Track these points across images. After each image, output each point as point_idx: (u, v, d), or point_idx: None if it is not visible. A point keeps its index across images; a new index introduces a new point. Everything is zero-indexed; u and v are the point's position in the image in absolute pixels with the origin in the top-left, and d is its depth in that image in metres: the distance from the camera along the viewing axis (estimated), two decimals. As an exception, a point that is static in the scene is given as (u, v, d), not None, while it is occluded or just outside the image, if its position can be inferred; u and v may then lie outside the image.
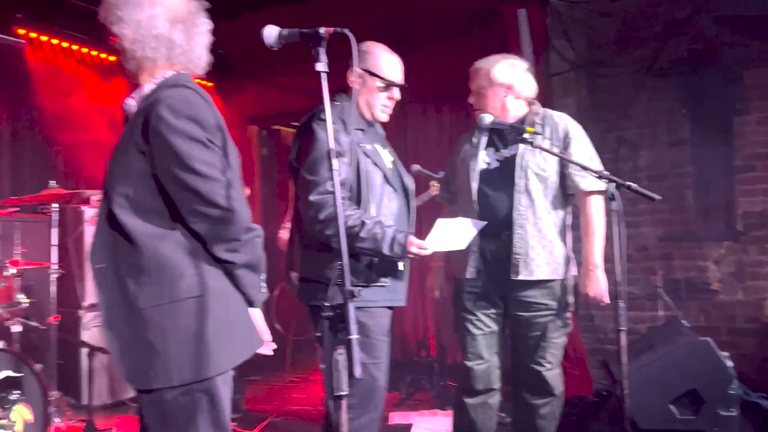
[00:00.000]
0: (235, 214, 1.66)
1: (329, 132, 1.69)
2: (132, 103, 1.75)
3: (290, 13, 5.01)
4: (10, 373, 2.85)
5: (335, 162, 1.69)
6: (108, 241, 1.67)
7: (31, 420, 2.91)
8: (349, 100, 2.42)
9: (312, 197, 2.23)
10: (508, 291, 2.70)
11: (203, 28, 1.80)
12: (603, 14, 4.90)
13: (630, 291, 4.57)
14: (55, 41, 4.98)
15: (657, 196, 2.31)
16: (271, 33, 1.72)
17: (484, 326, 2.75)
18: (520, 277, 2.64)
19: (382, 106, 2.47)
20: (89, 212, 4.44)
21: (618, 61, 4.89)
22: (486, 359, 2.75)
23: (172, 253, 1.65)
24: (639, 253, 4.82)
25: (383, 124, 2.56)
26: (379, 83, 2.43)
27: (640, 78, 4.82)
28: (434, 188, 3.83)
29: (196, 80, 1.82)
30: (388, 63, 2.46)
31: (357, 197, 2.32)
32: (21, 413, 2.87)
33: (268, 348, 1.85)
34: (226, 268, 1.71)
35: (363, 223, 2.24)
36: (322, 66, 1.65)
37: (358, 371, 1.60)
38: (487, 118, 2.66)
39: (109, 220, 1.67)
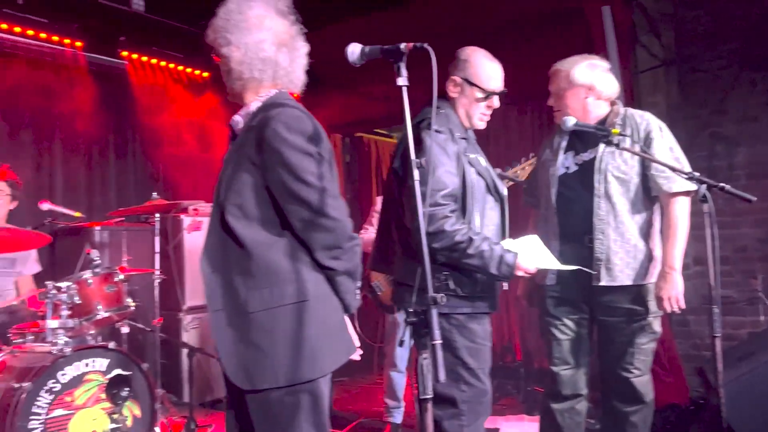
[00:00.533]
0: (339, 223, 1.77)
1: (410, 143, 1.70)
2: (239, 120, 1.88)
3: (371, 23, 5.13)
4: (120, 371, 3.07)
5: (416, 172, 1.72)
6: (219, 247, 1.79)
7: (139, 416, 3.13)
8: (450, 107, 2.42)
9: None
10: (593, 296, 2.66)
11: (303, 50, 1.94)
12: (691, 6, 4.69)
13: (728, 295, 4.35)
14: (153, 61, 5.33)
15: (752, 197, 2.21)
16: (354, 50, 1.78)
17: (569, 331, 2.71)
18: (602, 283, 2.59)
19: (481, 114, 2.45)
20: (187, 221, 4.72)
21: (709, 55, 4.66)
22: (572, 364, 2.71)
23: (280, 260, 1.75)
24: (738, 255, 4.56)
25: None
26: (479, 93, 2.41)
27: (735, 71, 4.57)
28: None
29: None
30: (489, 71, 2.42)
31: (462, 208, 2.31)
32: (131, 409, 3.09)
33: (356, 353, 1.93)
34: (328, 274, 1.80)
35: (471, 240, 2.22)
36: (403, 80, 1.68)
37: (442, 375, 1.64)
38: (570, 121, 2.62)
39: (221, 228, 1.79)
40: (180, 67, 5.56)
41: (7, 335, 3.35)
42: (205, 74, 5.78)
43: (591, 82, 2.69)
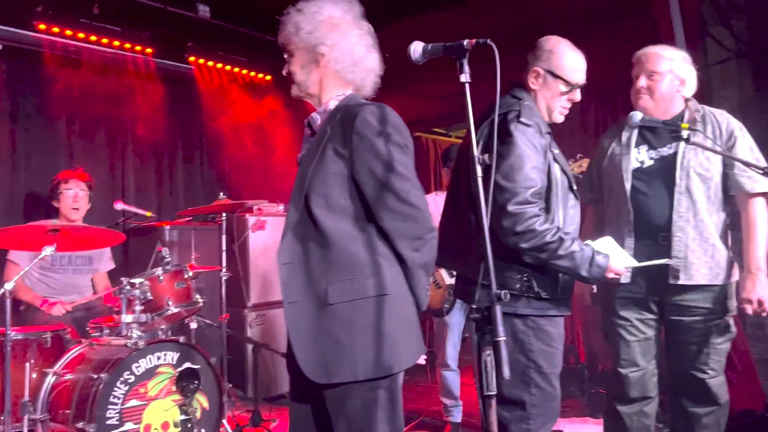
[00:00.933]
0: (423, 213, 1.80)
1: (472, 139, 1.68)
2: (317, 117, 1.92)
3: (429, 22, 5.14)
4: (190, 364, 3.18)
5: (478, 169, 1.71)
6: (298, 239, 1.80)
7: (208, 408, 3.24)
8: (532, 100, 2.33)
9: (510, 207, 2.11)
10: (665, 295, 2.58)
11: (377, 55, 1.99)
12: (766, -5, 4.48)
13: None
14: (219, 65, 5.51)
15: None
16: (416, 49, 1.79)
17: (639, 332, 2.64)
18: (680, 282, 2.51)
19: (561, 108, 2.37)
20: (251, 220, 4.85)
21: (787, 45, 4.45)
22: (641, 366, 2.64)
23: (362, 252, 1.77)
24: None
25: None
26: (563, 86, 2.33)
27: (815, 61, 4.35)
28: None
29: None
30: (574, 63, 2.33)
31: (546, 206, 2.23)
32: (200, 401, 3.21)
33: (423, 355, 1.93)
34: (405, 268, 1.82)
35: (562, 240, 2.13)
36: (465, 77, 1.68)
37: (506, 372, 1.63)
38: (637, 116, 2.56)
39: (302, 219, 1.81)
40: (244, 71, 5.72)
41: (85, 329, 3.54)
42: (268, 77, 5.93)
43: (685, 76, 2.62)
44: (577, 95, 2.37)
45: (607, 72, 4.15)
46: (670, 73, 2.60)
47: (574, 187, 2.36)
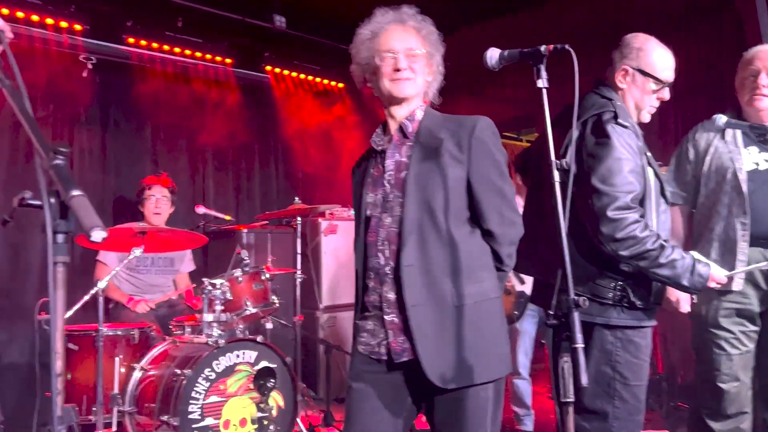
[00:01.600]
0: (521, 220, 1.90)
1: (549, 144, 1.67)
2: (408, 124, 1.92)
3: (503, 26, 5.12)
4: (267, 363, 3.29)
5: (557, 174, 1.70)
6: (418, 242, 1.80)
7: (283, 406, 3.34)
8: (620, 99, 2.25)
9: (610, 213, 2.03)
10: None
11: None
12: None
13: None
14: (294, 74, 5.67)
15: None
16: (492, 55, 1.78)
17: (741, 345, 2.52)
18: None
19: (650, 107, 2.30)
20: (324, 224, 4.96)
21: None
22: (741, 380, 2.52)
23: (480, 254, 1.84)
24: None
25: None
26: (653, 84, 2.26)
27: None
28: None
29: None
30: (663, 61, 2.27)
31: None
32: (276, 399, 3.31)
33: None
34: (500, 272, 1.90)
35: (663, 247, 2.05)
36: (542, 83, 1.67)
37: (584, 380, 1.62)
38: (721, 119, 2.47)
39: (420, 222, 1.81)
40: (317, 79, 5.86)
41: (168, 327, 3.72)
42: (340, 85, 6.05)
43: None
44: (666, 93, 2.29)
45: (689, 73, 4.02)
46: None
47: (665, 191, 2.28)
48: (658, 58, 2.25)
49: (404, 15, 1.92)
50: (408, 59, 1.87)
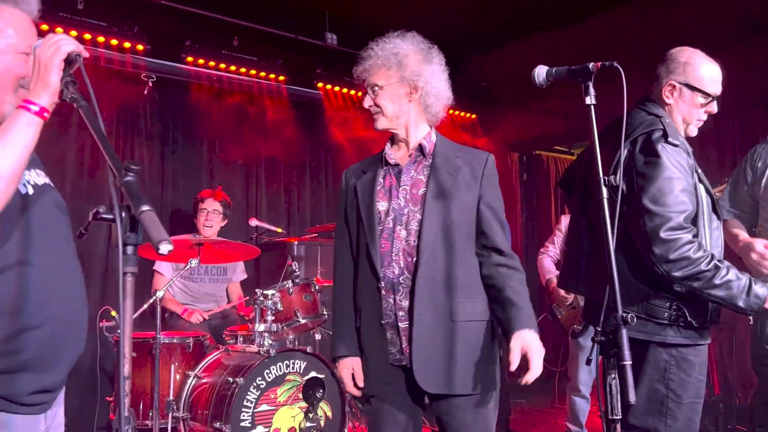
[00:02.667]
0: None
1: (597, 162, 1.68)
2: (426, 145, 2.06)
3: (547, 41, 5.11)
4: (315, 374, 3.36)
5: (605, 191, 1.70)
6: (432, 256, 1.94)
7: (331, 417, 3.39)
8: (667, 116, 2.23)
9: (663, 234, 1.99)
10: None
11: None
12: None
13: None
14: (344, 90, 5.78)
15: None
16: (540, 73, 1.81)
17: None
18: None
19: (698, 121, 2.28)
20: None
21: None
22: None
23: (477, 278, 2.00)
24: None
25: None
26: (701, 98, 2.23)
27: None
28: None
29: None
30: (710, 73, 2.24)
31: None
32: (324, 410, 3.36)
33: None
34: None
35: (717, 268, 2.01)
36: (590, 99, 1.69)
37: (632, 397, 1.61)
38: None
39: (435, 238, 1.95)
40: (360, 93, 5.94)
41: (221, 336, 3.83)
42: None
43: None
44: (714, 107, 2.26)
45: (741, 89, 3.92)
46: None
47: (717, 207, 2.23)
48: (705, 72, 2.22)
49: (370, 52, 2.08)
50: (371, 96, 2.05)
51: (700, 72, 2.22)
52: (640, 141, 2.12)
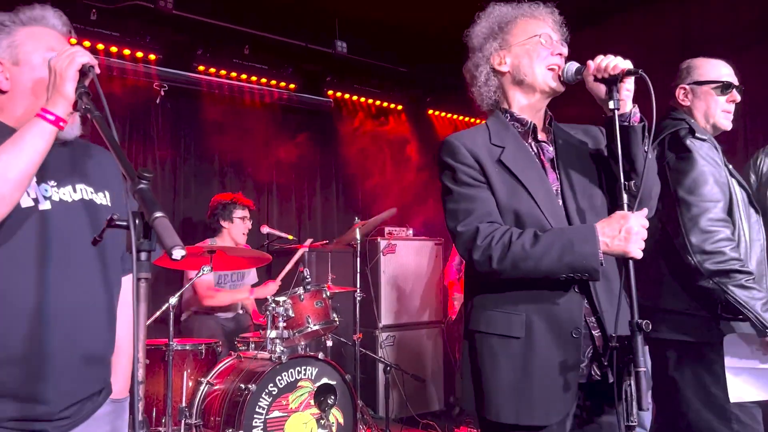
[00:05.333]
0: None
1: (620, 167, 1.62)
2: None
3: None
4: (327, 380, 3.36)
5: (625, 197, 1.66)
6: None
7: (343, 423, 3.39)
8: (691, 118, 2.27)
9: (704, 223, 2.02)
10: None
11: None
12: None
13: None
14: (354, 97, 5.81)
15: None
16: (570, 68, 1.76)
17: None
18: None
19: (723, 112, 2.29)
20: (383, 244, 5.02)
21: None
22: None
23: None
24: None
25: None
26: (715, 88, 2.27)
27: None
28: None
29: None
30: (714, 65, 2.31)
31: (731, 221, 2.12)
32: (335, 416, 3.36)
33: None
34: None
35: (748, 273, 2.00)
36: (614, 104, 1.65)
37: (645, 404, 1.60)
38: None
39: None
40: (377, 102, 5.98)
41: (234, 342, 3.84)
42: (399, 107, 6.15)
43: None
44: (737, 95, 2.29)
45: (760, 91, 3.90)
46: None
47: (753, 201, 2.24)
48: (708, 66, 2.30)
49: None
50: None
51: (705, 68, 2.30)
52: (667, 140, 2.16)
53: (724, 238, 2.00)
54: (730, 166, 2.21)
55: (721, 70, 2.30)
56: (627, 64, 1.65)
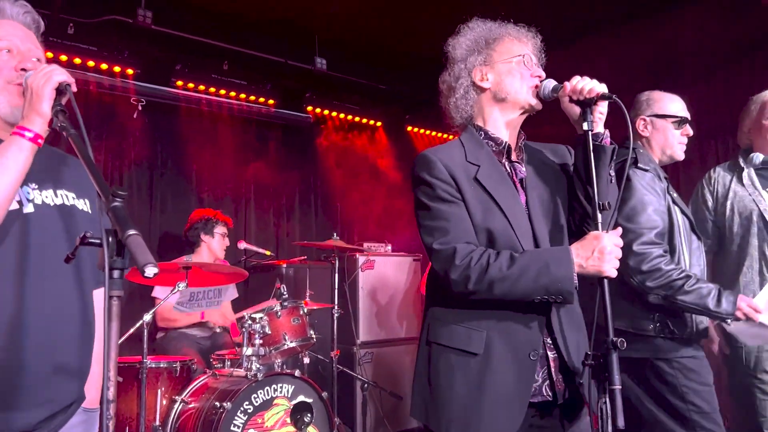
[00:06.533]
0: None
1: (594, 186, 1.67)
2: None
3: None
4: (304, 398, 3.32)
5: (599, 215, 1.70)
6: None
7: (319, 441, 3.35)
8: (642, 147, 2.45)
9: (636, 247, 2.19)
10: None
11: None
12: None
13: None
14: (334, 113, 5.83)
15: None
16: (548, 84, 1.78)
17: None
18: None
19: (679, 144, 2.45)
20: (361, 260, 5.01)
21: None
22: None
23: None
24: None
25: None
26: (673, 122, 2.43)
27: None
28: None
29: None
30: (672, 101, 2.47)
31: (670, 248, 2.29)
32: (312, 434, 3.33)
33: None
34: None
35: (688, 277, 2.17)
36: (587, 125, 1.70)
37: (620, 422, 1.61)
38: (758, 157, 2.48)
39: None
40: (356, 118, 6.01)
41: (209, 360, 3.79)
42: (378, 123, 6.18)
43: None
44: (690, 129, 2.45)
45: (728, 111, 4.00)
46: None
47: (695, 228, 2.38)
48: (667, 100, 2.46)
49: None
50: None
51: (664, 102, 2.45)
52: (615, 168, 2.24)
53: (656, 256, 2.17)
54: (674, 195, 2.35)
55: (678, 105, 2.46)
56: (602, 88, 1.68)
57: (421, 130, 6.53)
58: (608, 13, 4.76)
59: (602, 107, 1.72)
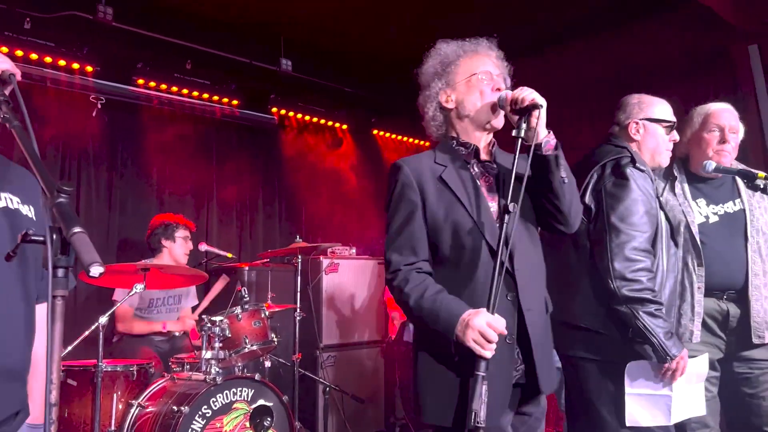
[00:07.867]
0: None
1: (510, 189, 1.75)
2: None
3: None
4: (263, 402, 3.29)
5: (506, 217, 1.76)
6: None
7: (279, 446, 3.32)
8: (632, 149, 2.39)
9: (628, 252, 2.15)
10: (732, 353, 2.53)
11: None
12: None
13: None
14: (299, 116, 5.79)
15: None
16: (503, 95, 1.86)
17: (707, 392, 2.51)
18: (759, 341, 2.44)
19: (666, 150, 2.46)
20: (325, 263, 5.00)
21: None
22: (711, 426, 2.53)
23: None
24: None
25: None
26: (664, 128, 2.43)
27: None
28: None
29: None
30: (662, 106, 2.48)
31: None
32: (272, 438, 3.29)
33: None
34: None
35: (660, 304, 2.14)
36: (515, 132, 1.79)
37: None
38: (711, 165, 2.54)
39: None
40: (321, 121, 5.98)
41: (168, 363, 3.72)
42: (344, 126, 6.17)
43: (740, 128, 2.62)
44: (676, 135, 2.47)
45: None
46: (709, 129, 2.62)
47: (675, 235, 2.39)
48: (658, 104, 2.45)
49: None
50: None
51: (656, 107, 2.44)
52: (609, 165, 2.28)
53: (643, 268, 2.14)
54: (662, 199, 2.38)
55: (668, 109, 2.46)
56: (534, 97, 1.76)
57: (387, 134, 6.54)
58: (572, 24, 4.84)
59: (539, 115, 1.77)
